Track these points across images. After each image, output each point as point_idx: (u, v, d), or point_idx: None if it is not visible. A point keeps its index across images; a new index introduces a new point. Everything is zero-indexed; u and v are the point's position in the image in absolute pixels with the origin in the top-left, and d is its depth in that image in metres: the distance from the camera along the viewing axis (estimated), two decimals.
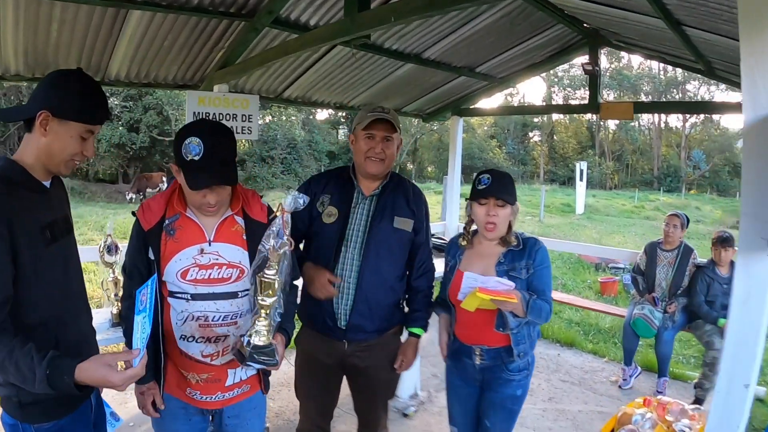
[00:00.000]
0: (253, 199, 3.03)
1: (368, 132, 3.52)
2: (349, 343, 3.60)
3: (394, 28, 6.00)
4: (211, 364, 2.92)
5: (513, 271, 3.46)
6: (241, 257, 2.89)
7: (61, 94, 2.38)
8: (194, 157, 2.60)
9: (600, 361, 7.81)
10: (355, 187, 3.63)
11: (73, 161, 2.49)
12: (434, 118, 9.62)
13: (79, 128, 2.41)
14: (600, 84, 7.35)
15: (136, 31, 5.22)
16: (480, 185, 3.47)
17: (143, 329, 2.33)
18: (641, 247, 7.44)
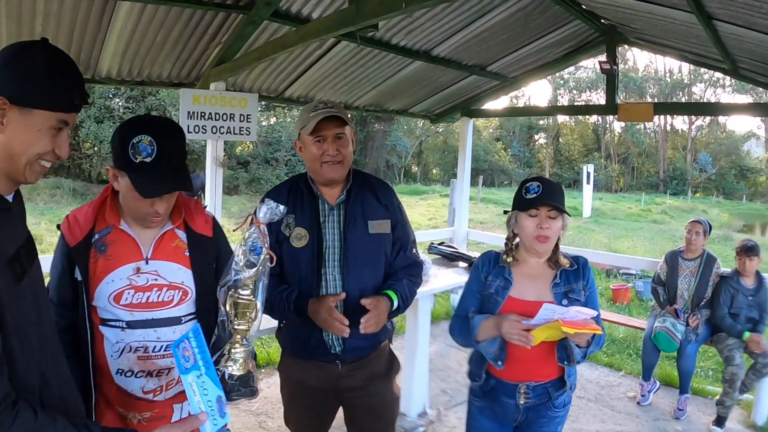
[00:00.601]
0: (195, 210, 2.68)
1: (317, 135, 3.09)
2: (343, 363, 3.22)
3: (402, 23, 5.75)
4: (154, 400, 2.52)
5: (571, 293, 3.07)
6: (183, 277, 2.52)
7: (21, 75, 1.74)
8: (145, 158, 2.24)
9: (616, 375, 7.44)
10: (318, 197, 3.21)
11: (41, 164, 1.84)
12: (443, 119, 9.36)
13: (48, 118, 1.78)
14: (618, 84, 6.98)
15: (126, 25, 4.97)
16: (529, 194, 3.05)
17: (202, 390, 2.01)
18: (651, 252, 7.10)
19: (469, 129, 8.98)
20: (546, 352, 3.01)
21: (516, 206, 3.12)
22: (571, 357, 2.96)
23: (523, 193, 3.07)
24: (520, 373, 3.09)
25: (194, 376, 2.01)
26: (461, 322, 3.20)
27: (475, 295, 3.23)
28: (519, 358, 3.03)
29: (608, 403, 6.53)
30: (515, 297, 3.07)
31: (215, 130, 5.85)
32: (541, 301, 2.87)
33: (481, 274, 3.23)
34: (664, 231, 26.38)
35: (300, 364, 3.26)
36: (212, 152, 6.07)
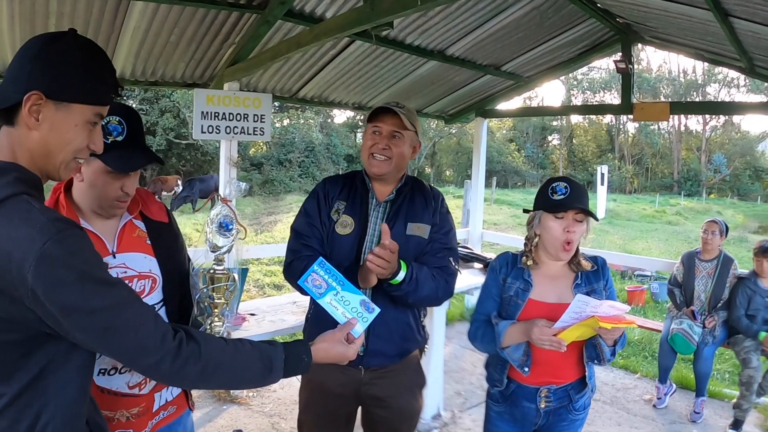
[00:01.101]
0: (149, 199, 2.63)
1: (374, 125, 3.08)
2: (366, 369, 3.13)
3: (417, 22, 5.70)
4: (140, 394, 2.47)
5: (593, 294, 2.97)
6: (150, 265, 2.48)
7: (55, 67, 1.66)
8: (117, 137, 2.23)
9: (632, 378, 7.38)
10: (369, 191, 3.19)
11: (77, 161, 1.79)
12: (457, 119, 9.30)
13: (85, 112, 1.72)
14: (633, 83, 6.92)
15: (140, 25, 4.95)
16: (556, 195, 2.95)
17: (343, 303, 2.34)
18: (666, 254, 7.03)
19: (483, 129, 8.95)
20: (569, 352, 2.91)
21: (541, 206, 3.03)
22: (601, 356, 2.90)
23: (549, 193, 2.98)
24: (542, 375, 3.02)
25: (331, 296, 2.34)
26: (483, 327, 3.13)
27: (493, 299, 3.15)
28: (541, 360, 2.97)
29: (624, 405, 6.48)
30: (536, 299, 3.01)
31: (229, 130, 5.83)
32: (562, 303, 2.81)
33: (499, 277, 3.15)
34: (679, 232, 26.24)
35: (321, 366, 3.17)
36: (226, 153, 6.05)
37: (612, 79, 56.14)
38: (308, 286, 2.39)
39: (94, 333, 1.60)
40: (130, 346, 1.66)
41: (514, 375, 3.10)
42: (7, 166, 1.64)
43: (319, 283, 2.37)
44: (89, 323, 1.58)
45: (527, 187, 50.45)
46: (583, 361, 3.01)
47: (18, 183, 1.60)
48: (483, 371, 3.36)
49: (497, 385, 3.18)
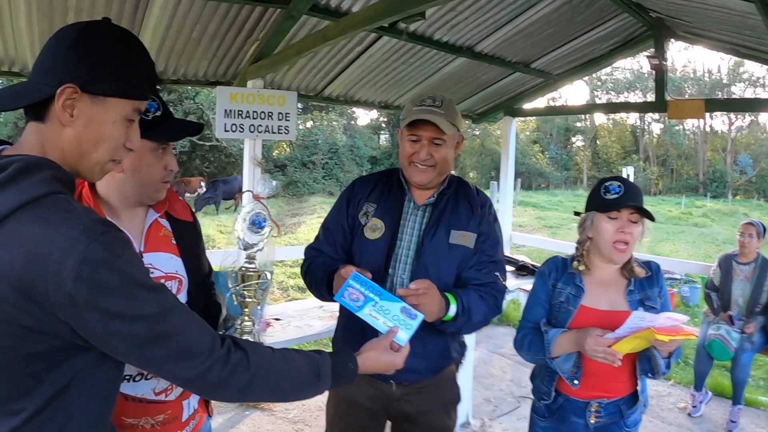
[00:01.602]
0: (173, 198, 2.50)
1: (412, 133, 2.82)
2: (398, 384, 2.93)
3: (446, 17, 5.56)
4: (167, 400, 2.36)
5: (647, 301, 2.83)
6: (176, 266, 2.38)
7: (91, 58, 1.53)
8: (156, 113, 2.15)
9: (665, 385, 7.18)
10: (406, 194, 2.95)
11: (114, 162, 1.68)
12: (485, 119, 9.12)
13: (124, 107, 1.59)
14: (666, 80, 6.73)
15: (161, 21, 4.84)
16: (609, 194, 2.81)
17: (384, 312, 2.31)
18: (694, 256, 6.86)
19: (512, 129, 8.81)
20: (621, 365, 2.75)
21: (593, 206, 2.89)
22: (655, 368, 2.72)
23: (602, 192, 2.84)
24: (592, 388, 2.86)
25: (370, 308, 2.31)
26: (531, 335, 2.97)
27: (542, 305, 3.00)
28: (592, 372, 2.81)
29: (658, 414, 6.29)
30: (588, 306, 2.85)
31: (253, 129, 5.71)
32: (615, 311, 2.69)
33: (549, 282, 3.00)
34: (706, 234, 26.00)
35: None
36: (250, 152, 5.92)
37: (636, 79, 55.98)
38: (345, 301, 2.37)
39: (134, 341, 1.48)
40: (175, 354, 1.55)
41: (562, 388, 2.95)
42: (43, 161, 1.49)
43: (356, 296, 2.36)
44: (131, 330, 1.46)
45: (551, 189, 50.29)
46: (636, 374, 2.84)
47: (54, 181, 1.47)
48: (513, 377, 3.22)
49: (544, 398, 3.02)
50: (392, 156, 42.13)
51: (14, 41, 4.69)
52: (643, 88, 55.26)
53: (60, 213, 1.40)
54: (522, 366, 7.09)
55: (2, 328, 1.38)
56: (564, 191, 47.57)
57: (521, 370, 6.98)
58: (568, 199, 38.63)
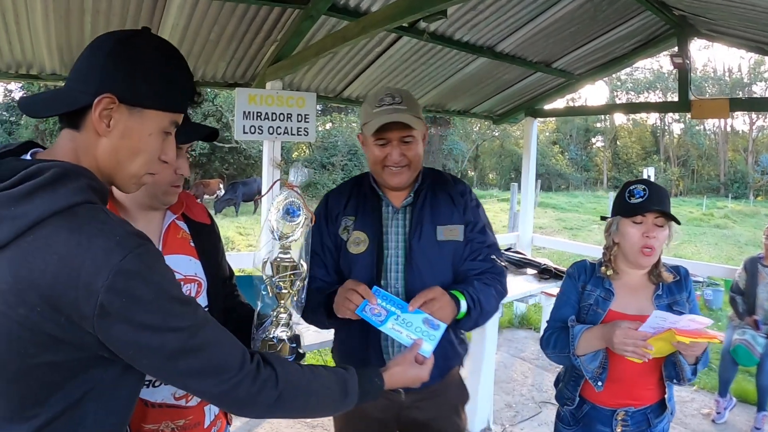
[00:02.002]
0: (189, 200, 2.48)
1: (379, 138, 2.69)
2: (407, 393, 2.84)
3: (467, 16, 5.48)
4: (187, 406, 2.32)
5: (676, 306, 2.77)
6: (195, 269, 2.35)
7: (131, 69, 1.50)
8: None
9: (689, 390, 7.04)
10: (382, 198, 2.84)
11: (149, 176, 1.67)
12: (505, 119, 9.06)
13: (162, 120, 1.57)
14: (690, 79, 6.63)
15: (178, 22, 4.81)
16: (633, 198, 2.75)
17: (406, 325, 2.34)
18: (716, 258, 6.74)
19: (533, 130, 8.71)
20: (648, 371, 2.72)
21: (618, 211, 2.83)
22: (681, 375, 2.65)
23: (626, 197, 2.78)
24: (618, 395, 2.79)
25: (393, 322, 2.34)
26: (557, 333, 2.90)
27: (572, 305, 2.94)
28: (618, 377, 2.74)
29: (681, 420, 6.17)
30: (616, 310, 2.79)
31: (272, 130, 5.68)
32: (642, 316, 2.59)
33: (578, 284, 2.94)
34: (728, 236, 25.77)
35: None
36: (269, 153, 5.89)
37: (656, 79, 55.66)
38: (367, 316, 2.38)
39: (165, 354, 1.46)
40: (206, 368, 1.53)
41: (587, 394, 2.88)
42: (80, 170, 1.46)
43: (377, 311, 2.37)
44: (162, 343, 1.44)
45: (571, 190, 50.09)
46: (663, 382, 2.77)
47: (90, 190, 1.44)
48: (534, 381, 3.15)
49: (568, 403, 2.95)
50: None
51: (31, 44, 4.68)
52: (663, 88, 54.99)
53: (95, 223, 1.38)
54: (543, 371, 7.02)
55: (26, 335, 1.34)
56: (584, 192, 47.40)
57: (543, 375, 6.91)
58: (588, 200, 38.51)
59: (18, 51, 4.78)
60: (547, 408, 6.05)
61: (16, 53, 4.81)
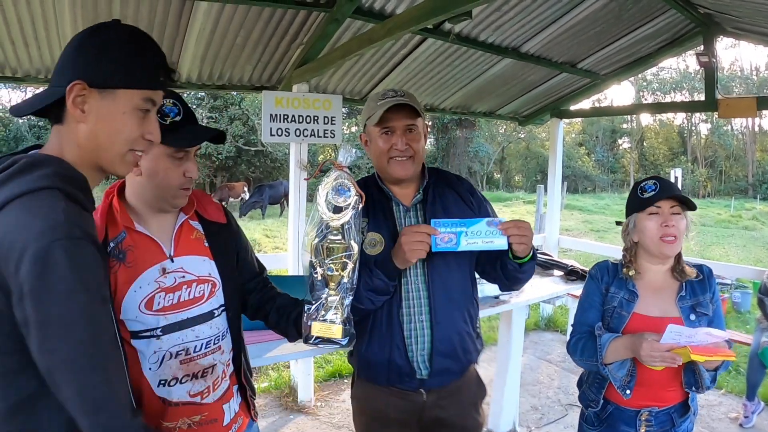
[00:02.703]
0: (204, 199, 2.53)
1: (384, 127, 2.75)
2: (428, 392, 2.86)
3: (492, 17, 5.50)
4: (203, 402, 2.35)
5: (699, 307, 2.76)
6: (209, 269, 2.38)
7: (97, 54, 1.60)
8: (174, 118, 2.15)
9: (716, 394, 6.95)
10: (391, 198, 2.88)
11: (134, 152, 1.72)
12: (531, 121, 9.04)
13: (132, 97, 1.64)
14: (717, 78, 6.58)
15: (205, 26, 4.87)
16: (645, 193, 2.79)
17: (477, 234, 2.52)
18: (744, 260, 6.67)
19: (559, 131, 8.68)
20: (672, 374, 2.70)
21: (633, 209, 2.84)
22: (699, 382, 2.65)
23: (638, 193, 2.80)
24: (642, 397, 2.78)
25: (465, 239, 2.47)
26: (585, 339, 2.89)
27: (597, 308, 2.94)
28: (645, 381, 2.74)
29: (708, 424, 6.11)
30: (640, 313, 2.78)
31: (299, 132, 5.71)
32: (666, 317, 2.61)
33: (602, 286, 2.94)
34: (757, 238, 25.45)
35: (377, 392, 2.91)
36: (296, 156, 5.91)
37: (683, 79, 55.16)
38: (441, 246, 2.49)
39: (58, 360, 1.43)
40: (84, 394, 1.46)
41: (611, 396, 2.87)
42: (47, 158, 1.57)
43: (448, 238, 2.47)
44: (57, 347, 1.42)
45: (597, 192, 49.73)
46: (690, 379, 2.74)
47: (55, 177, 1.51)
48: (560, 384, 3.14)
49: (592, 405, 2.95)
50: (437, 160, 42.04)
51: (60, 49, 4.69)
52: (689, 88, 54.43)
53: (43, 206, 1.44)
54: (569, 373, 6.99)
55: None
56: (611, 194, 47.04)
57: (569, 377, 6.89)
58: (614, 202, 38.18)
59: (47, 57, 4.86)
60: (573, 411, 6.02)
61: (45, 59, 4.90)
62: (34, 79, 5.10)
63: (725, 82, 56.38)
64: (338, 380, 6.71)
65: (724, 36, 6.55)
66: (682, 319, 2.69)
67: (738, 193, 51.74)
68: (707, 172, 57.96)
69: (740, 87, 57.78)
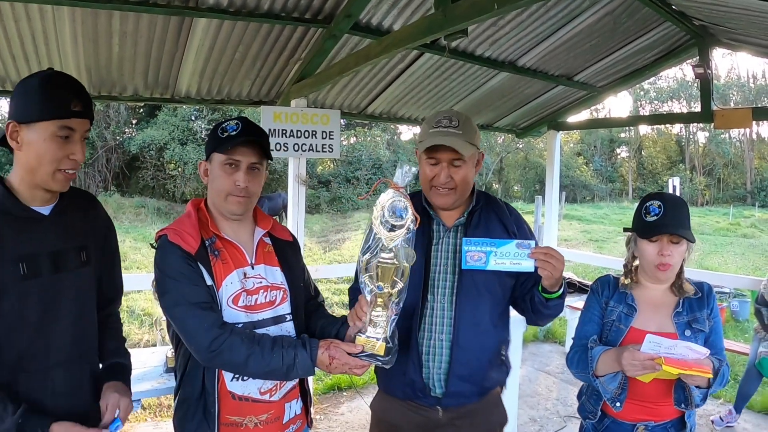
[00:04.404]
0: (273, 220, 2.86)
1: (430, 156, 2.74)
2: (445, 410, 2.83)
3: (488, 32, 5.56)
4: (271, 400, 2.59)
5: (695, 323, 2.75)
6: (281, 278, 2.69)
7: (21, 97, 2.12)
8: (231, 132, 2.47)
9: (715, 404, 6.89)
10: (433, 218, 2.87)
11: (62, 171, 2.16)
12: (528, 133, 9.07)
13: (48, 127, 2.09)
14: (712, 89, 6.60)
15: (204, 42, 4.91)
16: (649, 216, 2.75)
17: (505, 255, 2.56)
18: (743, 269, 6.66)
19: (556, 142, 8.70)
20: (664, 389, 2.71)
21: (635, 228, 2.84)
22: (689, 399, 2.65)
23: (642, 214, 2.78)
24: (638, 411, 2.79)
25: (494, 260, 2.52)
26: (581, 352, 2.89)
27: (596, 322, 2.95)
28: (637, 394, 2.74)
29: None
30: (637, 327, 2.79)
31: (297, 147, 5.72)
32: (662, 333, 2.60)
33: (601, 300, 2.96)
34: (755, 246, 25.42)
35: (395, 405, 2.91)
36: (294, 170, 5.92)
37: (680, 87, 55.19)
38: (471, 265, 2.54)
39: None
40: None
41: (608, 408, 2.86)
42: None
43: (477, 257, 2.53)
44: None
45: (596, 202, 49.67)
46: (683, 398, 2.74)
47: None
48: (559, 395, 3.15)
49: (590, 417, 2.95)
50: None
51: (61, 65, 4.79)
52: (687, 97, 54.49)
53: None
54: (568, 384, 7.00)
55: None
56: (609, 204, 47.02)
57: (567, 389, 6.90)
58: (613, 211, 38.17)
59: None
60: (571, 422, 6.03)
61: None
62: None
63: (722, 90, 56.35)
64: (337, 393, 6.72)
65: (719, 47, 6.58)
66: (677, 334, 2.70)
67: (736, 201, 51.69)
68: (705, 180, 57.92)
69: (737, 95, 57.78)
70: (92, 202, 2.49)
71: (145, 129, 31.09)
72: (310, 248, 13.46)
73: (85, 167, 29.45)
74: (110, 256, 2.58)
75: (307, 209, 28.95)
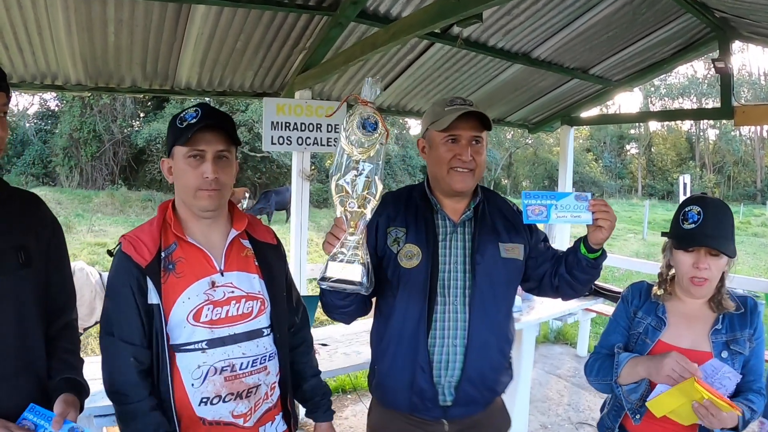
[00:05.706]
0: (254, 221, 2.61)
1: (451, 134, 2.53)
2: (450, 423, 2.66)
3: (501, 21, 5.38)
4: (244, 426, 2.33)
5: (734, 344, 2.48)
6: (259, 286, 2.42)
7: None
8: (190, 121, 2.21)
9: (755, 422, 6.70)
10: (438, 211, 2.67)
11: None
12: (541, 128, 8.95)
13: None
14: (733, 85, 6.40)
15: (203, 30, 4.75)
16: (686, 223, 2.50)
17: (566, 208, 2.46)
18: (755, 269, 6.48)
19: (570, 138, 8.56)
20: None
21: (672, 234, 2.59)
22: None
23: (680, 219, 2.53)
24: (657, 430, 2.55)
25: (555, 213, 2.41)
26: (602, 360, 2.70)
27: (622, 332, 2.73)
28: None
29: None
30: (667, 342, 2.54)
31: (301, 141, 5.56)
32: (696, 351, 2.39)
33: (630, 309, 2.73)
34: (766, 245, 25.24)
35: (396, 420, 2.70)
36: (298, 165, 5.75)
37: (690, 84, 55.00)
38: (532, 219, 2.44)
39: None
40: None
41: (627, 425, 2.66)
42: None
43: (538, 210, 2.42)
44: None
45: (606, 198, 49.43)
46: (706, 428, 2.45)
47: None
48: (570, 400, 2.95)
49: None
50: None
51: (55, 55, 4.68)
52: (697, 94, 54.31)
53: None
54: (580, 389, 6.80)
55: None
56: (618, 200, 46.89)
57: (580, 394, 6.70)
58: (623, 208, 38.03)
59: (42, 62, 4.78)
60: (583, 429, 5.84)
61: (40, 64, 4.82)
62: (29, 85, 5.03)
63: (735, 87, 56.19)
64: (341, 396, 6.53)
65: (739, 40, 6.38)
66: (713, 354, 2.46)
67: (747, 199, 51.59)
68: (715, 178, 57.87)
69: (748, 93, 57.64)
70: (35, 201, 2.28)
71: (152, 122, 31.00)
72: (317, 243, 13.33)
73: (92, 160, 29.57)
74: (58, 259, 2.30)
75: (315, 203, 28.97)
